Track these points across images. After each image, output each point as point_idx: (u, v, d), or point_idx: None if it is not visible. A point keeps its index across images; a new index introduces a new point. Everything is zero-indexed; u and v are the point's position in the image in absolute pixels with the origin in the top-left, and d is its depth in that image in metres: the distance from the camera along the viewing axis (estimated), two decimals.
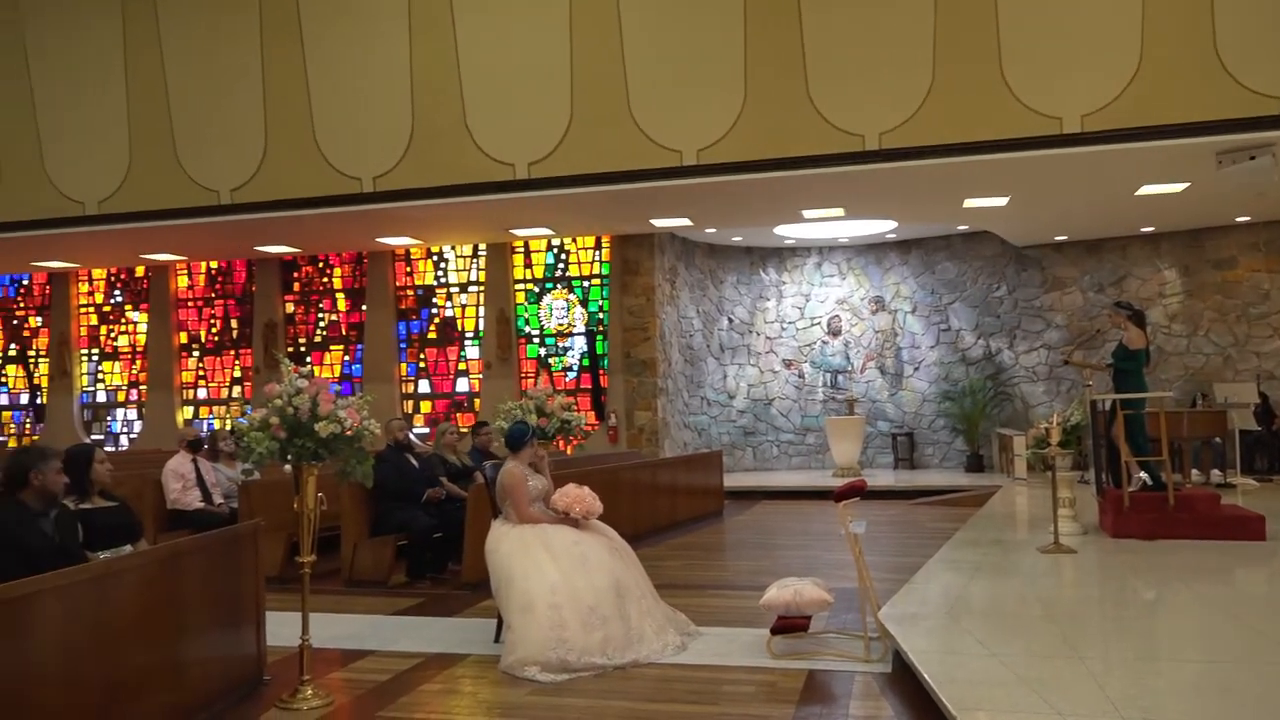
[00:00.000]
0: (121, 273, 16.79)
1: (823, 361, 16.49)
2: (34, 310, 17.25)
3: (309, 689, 4.69)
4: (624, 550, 5.66)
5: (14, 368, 17.34)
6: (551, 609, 5.09)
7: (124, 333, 16.84)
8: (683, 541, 9.99)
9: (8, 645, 3.34)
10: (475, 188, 11.48)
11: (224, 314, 16.43)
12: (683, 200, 11.86)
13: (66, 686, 3.60)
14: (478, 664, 5.36)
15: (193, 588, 4.54)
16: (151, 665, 4.14)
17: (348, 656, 5.57)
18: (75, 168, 12.87)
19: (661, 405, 14.44)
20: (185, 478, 8.46)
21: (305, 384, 4.62)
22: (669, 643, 5.39)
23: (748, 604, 6.43)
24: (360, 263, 15.71)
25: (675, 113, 10.78)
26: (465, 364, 15.38)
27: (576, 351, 14.92)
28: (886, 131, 10.10)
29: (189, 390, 16.45)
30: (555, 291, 15.03)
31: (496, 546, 5.52)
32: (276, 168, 12.11)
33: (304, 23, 11.87)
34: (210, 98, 12.31)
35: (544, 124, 11.16)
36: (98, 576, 3.96)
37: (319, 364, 15.76)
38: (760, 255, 16.63)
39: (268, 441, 4.53)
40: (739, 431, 16.41)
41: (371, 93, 11.73)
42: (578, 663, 5.00)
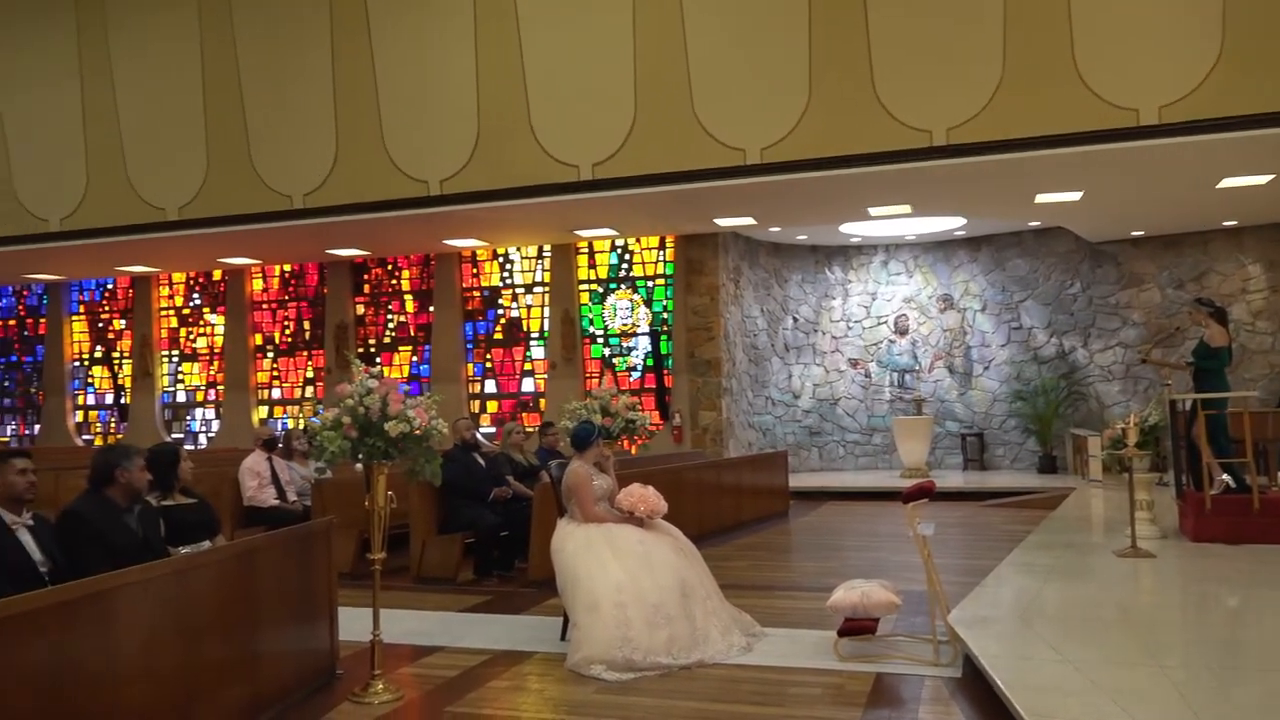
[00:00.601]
0: (200, 276, 17.29)
1: (889, 361, 16.27)
2: (118, 313, 17.86)
3: (380, 683, 4.78)
4: (689, 550, 5.66)
5: (100, 369, 17.98)
6: (617, 608, 5.11)
7: (202, 335, 17.35)
8: (748, 542, 9.95)
9: (96, 636, 3.47)
10: (540, 189, 11.58)
11: (297, 316, 16.82)
12: (747, 199, 11.81)
13: (149, 678, 3.71)
14: (544, 661, 5.41)
15: (268, 583, 4.66)
16: (229, 658, 4.26)
17: (417, 652, 5.67)
18: (156, 175, 13.32)
19: (726, 405, 14.40)
20: (261, 475, 8.68)
21: (375, 384, 4.70)
22: (734, 643, 5.37)
23: (814, 605, 6.38)
24: (428, 265, 15.95)
25: (739, 111, 10.73)
26: (530, 364, 15.51)
27: (640, 351, 14.95)
28: (955, 126, 9.93)
29: (264, 390, 16.88)
30: (619, 292, 15.08)
31: (562, 545, 5.56)
32: (347, 172, 12.38)
33: (373, 29, 12.10)
34: (283, 105, 12.63)
35: (608, 125, 11.22)
36: (179, 571, 4.09)
37: (388, 364, 16.04)
38: (825, 254, 16.48)
39: (340, 440, 4.62)
40: (804, 431, 16.27)
41: (438, 97, 11.91)
42: (643, 662, 5.02)
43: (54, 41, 13.67)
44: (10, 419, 18.57)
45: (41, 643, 3.22)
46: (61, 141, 13.74)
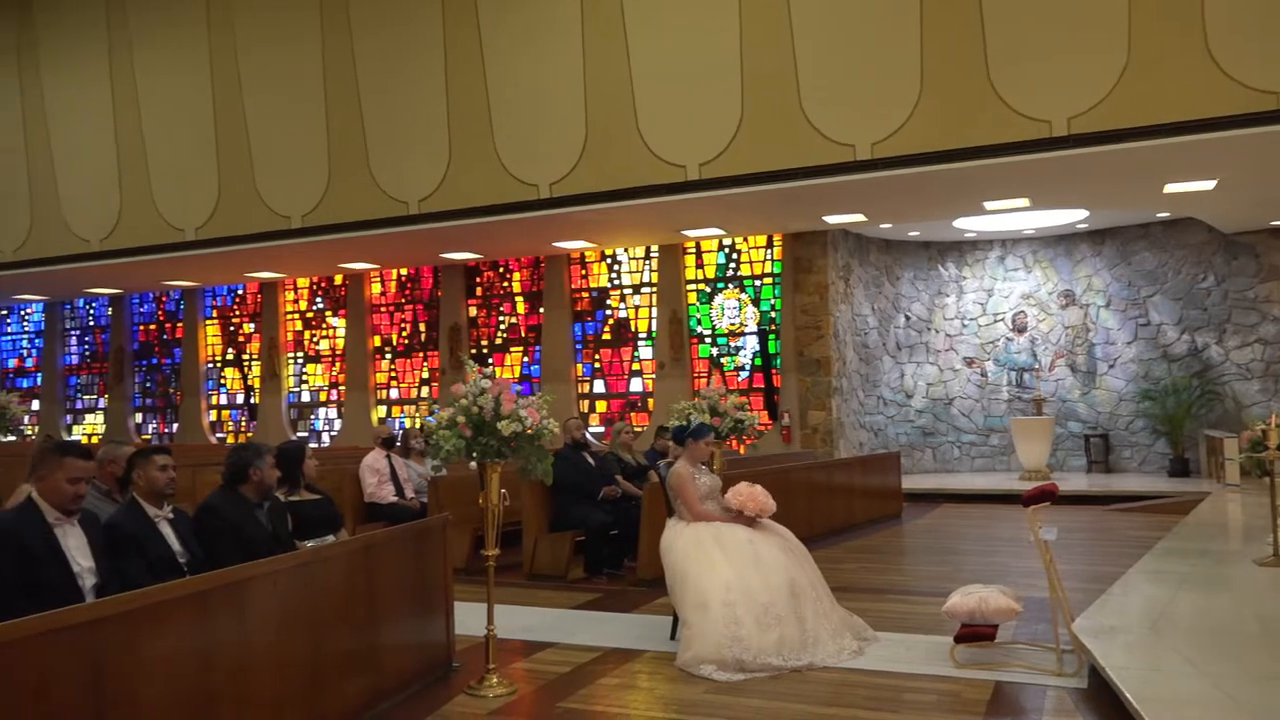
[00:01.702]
0: (322, 281, 18.00)
1: (1007, 359, 15.75)
2: (248, 317, 18.74)
3: (494, 677, 4.88)
4: (798, 550, 5.59)
5: (231, 370, 18.90)
6: (726, 607, 5.10)
7: (325, 337, 18.05)
8: (859, 544, 9.78)
9: (230, 624, 3.65)
10: (647, 190, 11.65)
11: (413, 318, 17.33)
12: (856, 196, 11.61)
13: (278, 665, 3.89)
14: (654, 660, 5.43)
15: (388, 577, 4.82)
16: (352, 648, 4.42)
17: (529, 647, 5.76)
18: (282, 185, 13.93)
19: (836, 405, 14.19)
20: (380, 473, 8.96)
21: (488, 384, 4.79)
22: (845, 646, 5.29)
23: (928, 610, 6.24)
24: (538, 267, 16.22)
25: (848, 107, 10.57)
26: (639, 364, 15.61)
27: (749, 351, 14.87)
28: (1076, 116, 9.55)
29: (382, 390, 17.45)
30: (727, 291, 15.03)
31: (671, 545, 5.58)
32: (459, 178, 12.70)
33: (484, 37, 12.38)
34: (399, 114, 13.05)
35: (714, 124, 11.20)
36: (305, 563, 4.27)
37: (500, 365, 16.37)
38: (939, 249, 16.06)
39: (455, 439, 4.72)
40: (917, 432, 15.90)
41: (547, 101, 12.11)
42: (753, 663, 4.99)
43: (188, 62, 14.44)
44: (151, 418, 19.70)
45: (181, 630, 3.41)
46: (195, 156, 14.52)
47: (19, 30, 16.03)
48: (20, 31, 16.02)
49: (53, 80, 15.83)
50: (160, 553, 4.23)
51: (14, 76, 16.09)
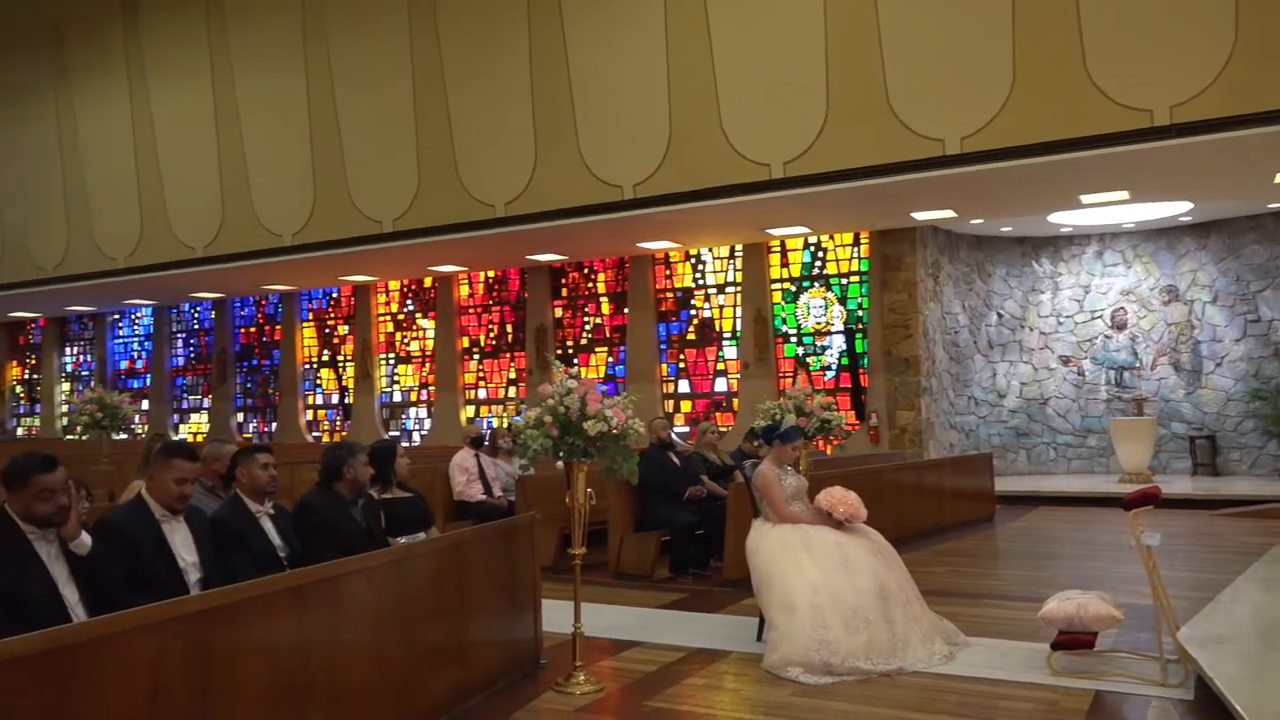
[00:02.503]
0: (413, 284, 18.41)
1: (1105, 358, 15.22)
2: (342, 320, 19.29)
3: (581, 675, 4.92)
4: (888, 553, 5.50)
5: (327, 371, 19.48)
6: (813, 609, 5.04)
7: (415, 338, 18.46)
8: (950, 547, 9.57)
9: (327, 617, 3.76)
10: (731, 189, 11.61)
11: (500, 319, 17.59)
12: (946, 191, 11.37)
13: (372, 659, 3.99)
14: (740, 661, 5.40)
15: (478, 574, 4.90)
16: (442, 643, 4.51)
17: (616, 646, 5.79)
18: (374, 190, 14.31)
19: (925, 405, 13.91)
20: (469, 472, 9.12)
21: (574, 384, 4.84)
22: (936, 651, 5.18)
23: (1023, 616, 6.07)
24: (622, 267, 16.30)
25: (936, 100, 10.36)
26: (723, 364, 15.55)
27: (835, 350, 14.69)
28: (1179, 104, 9.18)
29: (471, 390, 17.76)
30: (813, 290, 14.87)
31: (757, 546, 5.54)
32: (545, 180, 12.85)
33: (568, 39, 12.50)
34: (486, 119, 13.27)
35: (799, 121, 11.10)
36: (398, 560, 4.37)
37: (585, 365, 16.50)
38: (1033, 245, 15.61)
39: (542, 439, 4.78)
40: (1010, 433, 15.48)
41: (631, 102, 12.16)
42: (841, 666, 4.92)
43: (284, 73, 14.93)
44: (252, 417, 20.43)
45: (280, 622, 3.52)
46: (291, 164, 15.01)
47: (126, 43, 16.79)
48: (128, 44, 16.77)
49: (159, 92, 16.54)
50: (262, 547, 4.38)
51: (124, 89, 16.87)
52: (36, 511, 3.49)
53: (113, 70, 16.99)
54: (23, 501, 3.50)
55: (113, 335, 22.54)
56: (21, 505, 3.50)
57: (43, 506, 3.49)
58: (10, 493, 3.54)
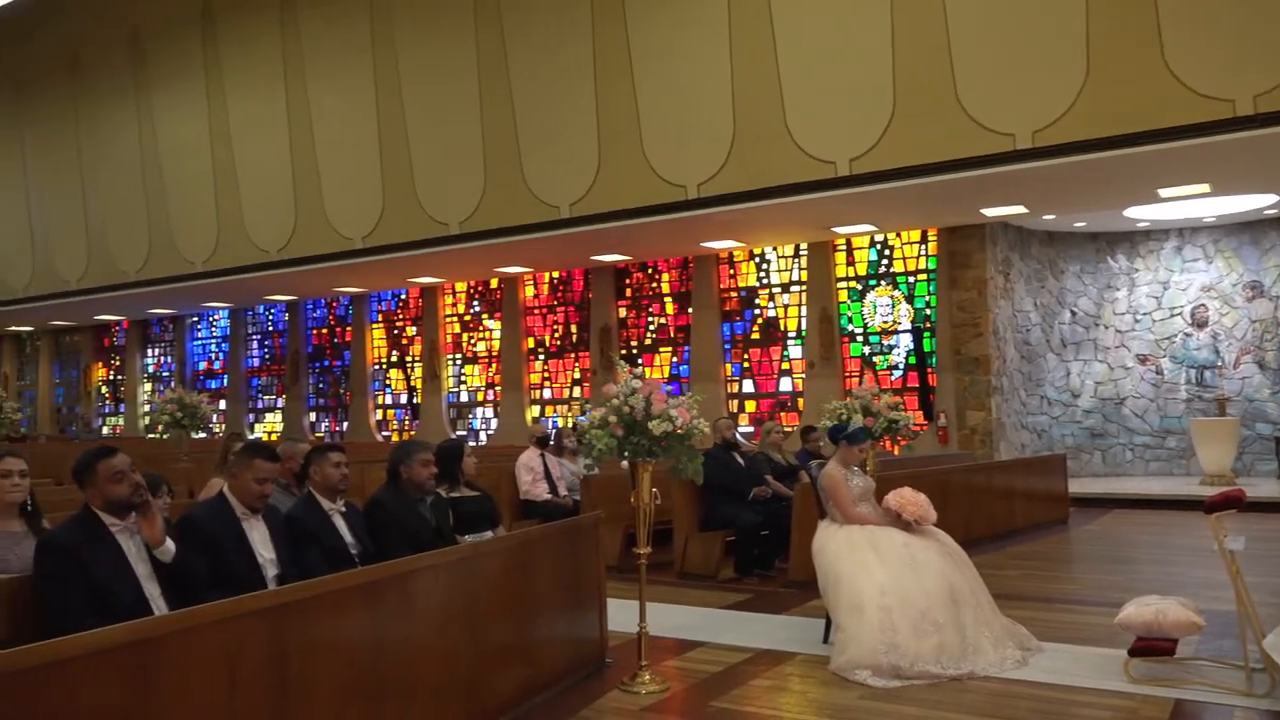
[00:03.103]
0: (479, 285, 18.63)
1: (1185, 356, 14.74)
2: (410, 321, 19.61)
3: (647, 674, 4.93)
4: (958, 555, 5.40)
5: (396, 372, 19.83)
6: (882, 611, 4.98)
7: (481, 339, 18.69)
8: (1022, 550, 9.37)
9: (397, 613, 3.83)
10: (796, 188, 11.52)
11: (565, 320, 17.71)
12: (1017, 187, 11.13)
13: (442, 654, 4.04)
14: (806, 663, 5.36)
15: (544, 572, 4.94)
16: (510, 641, 4.55)
17: (681, 646, 5.79)
18: (441, 193, 14.52)
19: (996, 405, 13.63)
20: (535, 471, 9.20)
21: (639, 384, 4.85)
22: (1008, 656, 5.08)
23: (1098, 621, 5.93)
24: (686, 267, 16.28)
25: (1006, 94, 10.15)
26: (788, 363, 15.44)
27: (902, 349, 14.48)
28: (1263, 93, 8.85)
29: (536, 390, 17.91)
30: (879, 288, 14.68)
31: (824, 547, 5.49)
32: (608, 181, 12.90)
33: (632, 40, 12.54)
34: (550, 121, 13.37)
35: (865, 118, 10.97)
36: (466, 558, 4.43)
37: (649, 365, 16.53)
38: (1107, 241, 15.19)
39: (607, 439, 4.80)
40: (1085, 433, 15.10)
41: (695, 102, 12.14)
42: (910, 669, 4.85)
43: (354, 81, 15.23)
44: (324, 417, 20.89)
45: (354, 618, 3.60)
46: (362, 169, 15.31)
47: (204, 53, 17.29)
48: (205, 54, 17.28)
49: (235, 100, 17.02)
50: (334, 544, 4.48)
51: (201, 97, 17.38)
52: (114, 494, 3.63)
53: (191, 79, 17.53)
54: (98, 489, 3.64)
55: (192, 337, 23.25)
56: (98, 494, 3.64)
57: (118, 488, 3.63)
58: (84, 487, 3.68)
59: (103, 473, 3.64)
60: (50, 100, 20.06)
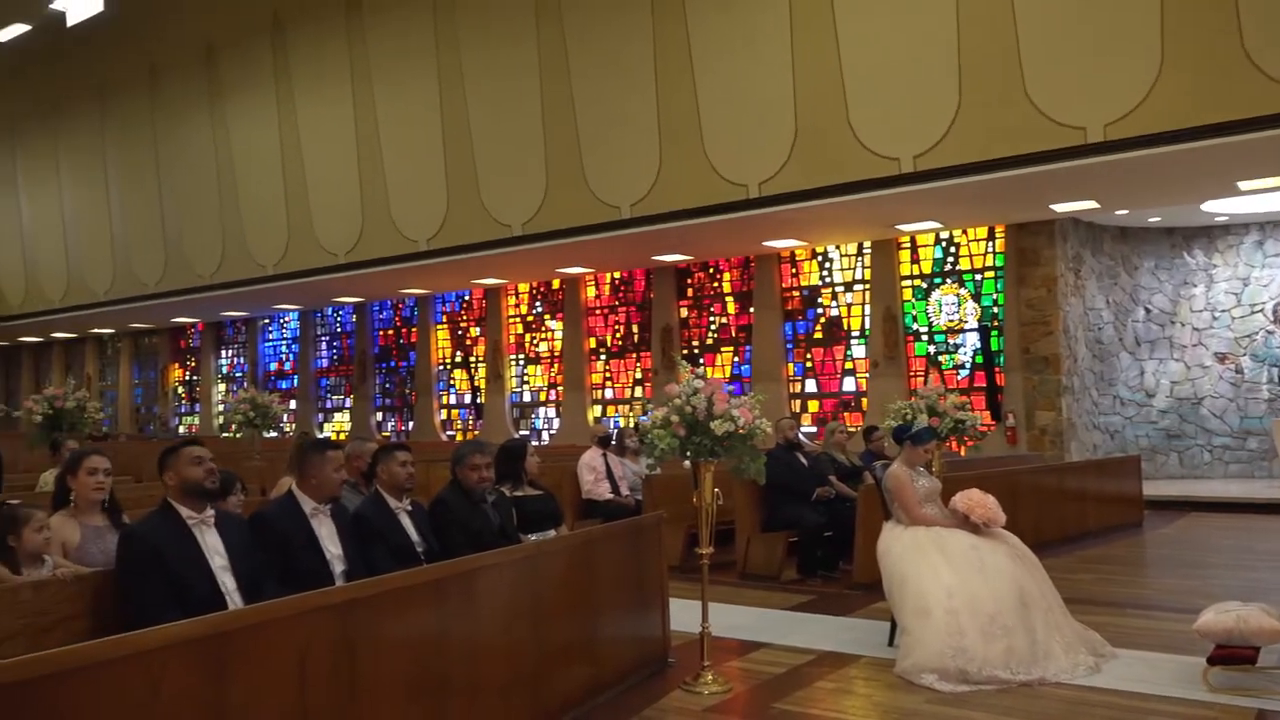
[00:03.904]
0: (541, 286, 18.78)
1: (1268, 355, 14.23)
2: (474, 322, 19.85)
3: (709, 674, 4.92)
4: (1028, 558, 5.29)
5: (460, 372, 20.09)
6: (949, 614, 4.90)
7: (544, 339, 18.83)
8: (1094, 554, 9.14)
9: (464, 612, 3.88)
10: (859, 185, 11.39)
11: (626, 320, 17.76)
12: (1088, 181, 10.86)
13: (505, 652, 4.08)
14: (871, 666, 5.30)
15: (606, 571, 4.96)
16: (573, 639, 4.58)
17: (744, 647, 5.77)
18: (504, 195, 14.67)
19: (1066, 405, 13.32)
20: (597, 471, 9.24)
21: (701, 384, 4.84)
22: (1080, 662, 4.96)
23: (1174, 627, 5.77)
24: (748, 266, 16.21)
25: (1077, 86, 9.91)
26: (851, 363, 15.28)
27: (969, 348, 14.23)
28: None
29: (598, 390, 17.99)
30: (945, 286, 14.44)
31: (889, 548, 5.43)
32: (670, 181, 12.90)
33: (692, 39, 12.52)
34: (611, 121, 13.42)
35: (929, 113, 10.80)
36: (529, 556, 4.47)
37: (711, 365, 16.49)
38: (1184, 236, 14.75)
39: (669, 438, 4.80)
40: (1160, 434, 14.67)
41: (756, 100, 12.08)
42: (978, 674, 4.77)
43: (419, 85, 15.47)
44: (390, 416, 21.25)
45: (420, 614, 3.66)
46: (427, 172, 15.54)
47: (274, 61, 17.72)
48: (275, 62, 17.70)
49: (304, 106, 17.40)
50: (400, 542, 4.55)
51: (272, 105, 17.81)
52: (190, 475, 3.78)
53: (261, 87, 17.97)
54: (177, 471, 3.78)
55: (263, 338, 23.83)
56: (176, 475, 3.78)
57: (195, 470, 3.79)
58: (164, 470, 3.83)
59: (185, 455, 3.81)
60: (130, 110, 20.76)
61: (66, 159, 22.74)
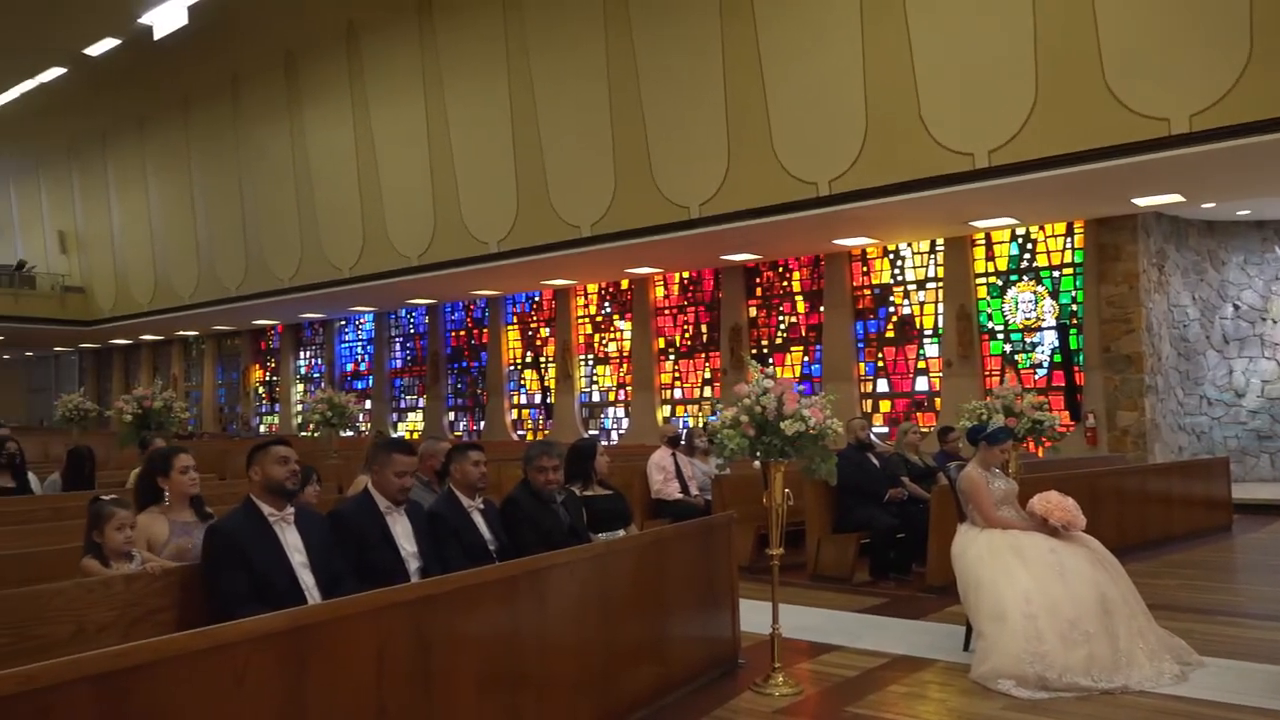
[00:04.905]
0: (610, 286, 18.87)
1: None
2: (543, 322, 20.03)
3: (780, 676, 4.89)
4: (1110, 563, 5.14)
5: (530, 372, 20.29)
6: (1026, 619, 4.79)
7: (612, 340, 18.91)
8: (1180, 558, 8.84)
9: (534, 608, 3.92)
10: (931, 181, 11.21)
11: (695, 320, 17.74)
12: (1172, 174, 10.52)
13: (576, 649, 4.11)
14: (946, 670, 5.21)
15: (676, 571, 4.96)
16: (643, 638, 4.60)
17: (815, 649, 5.72)
18: (573, 197, 14.78)
19: (1150, 405, 12.91)
20: (666, 470, 9.24)
21: (771, 384, 4.82)
22: (1165, 670, 4.80)
23: (1266, 636, 5.60)
24: (818, 265, 16.06)
25: (1160, 76, 9.60)
26: (924, 362, 15.04)
27: (1046, 347, 13.88)
28: None
29: (666, 390, 18.01)
30: (1021, 284, 14.12)
31: (963, 551, 5.32)
32: (738, 180, 12.85)
33: (761, 36, 12.45)
34: (680, 121, 13.43)
35: (1005, 107, 10.57)
36: (599, 555, 4.49)
37: (780, 365, 16.38)
38: (1276, 230, 14.17)
39: (738, 438, 4.78)
40: (1250, 435, 14.12)
41: (826, 96, 11.97)
42: (1058, 681, 4.65)
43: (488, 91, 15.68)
44: (462, 416, 21.56)
45: (492, 611, 3.70)
46: (497, 176, 15.74)
47: (350, 69, 18.12)
48: (350, 70, 18.10)
49: (378, 111, 17.77)
50: (473, 540, 4.62)
51: (347, 110, 18.23)
52: (274, 474, 3.90)
53: (337, 94, 18.41)
54: (262, 467, 3.91)
55: (340, 340, 24.39)
56: (261, 471, 3.91)
57: (280, 469, 3.91)
58: (250, 465, 3.97)
59: (272, 454, 3.94)
60: (213, 119, 21.44)
61: (154, 168, 23.61)
